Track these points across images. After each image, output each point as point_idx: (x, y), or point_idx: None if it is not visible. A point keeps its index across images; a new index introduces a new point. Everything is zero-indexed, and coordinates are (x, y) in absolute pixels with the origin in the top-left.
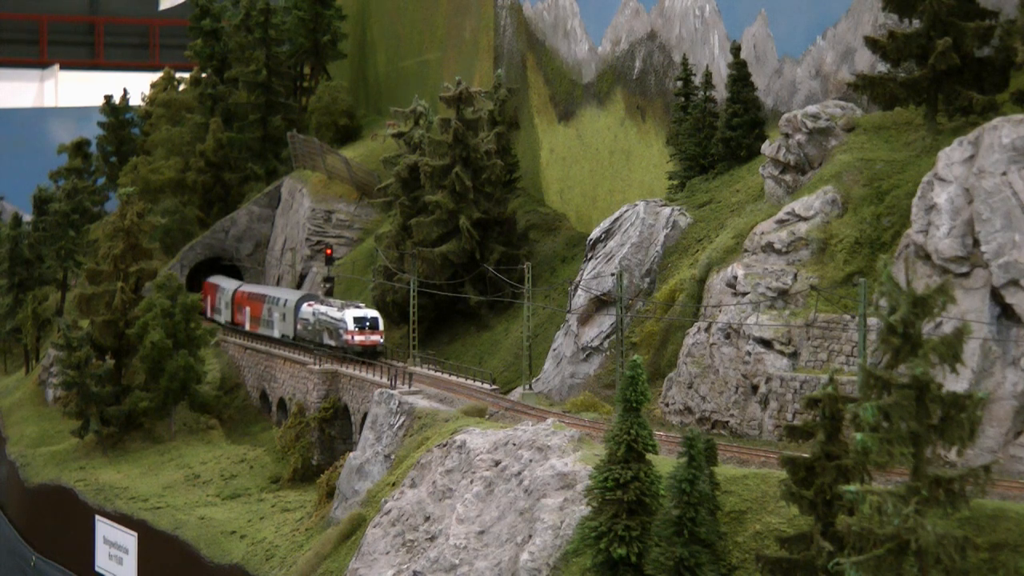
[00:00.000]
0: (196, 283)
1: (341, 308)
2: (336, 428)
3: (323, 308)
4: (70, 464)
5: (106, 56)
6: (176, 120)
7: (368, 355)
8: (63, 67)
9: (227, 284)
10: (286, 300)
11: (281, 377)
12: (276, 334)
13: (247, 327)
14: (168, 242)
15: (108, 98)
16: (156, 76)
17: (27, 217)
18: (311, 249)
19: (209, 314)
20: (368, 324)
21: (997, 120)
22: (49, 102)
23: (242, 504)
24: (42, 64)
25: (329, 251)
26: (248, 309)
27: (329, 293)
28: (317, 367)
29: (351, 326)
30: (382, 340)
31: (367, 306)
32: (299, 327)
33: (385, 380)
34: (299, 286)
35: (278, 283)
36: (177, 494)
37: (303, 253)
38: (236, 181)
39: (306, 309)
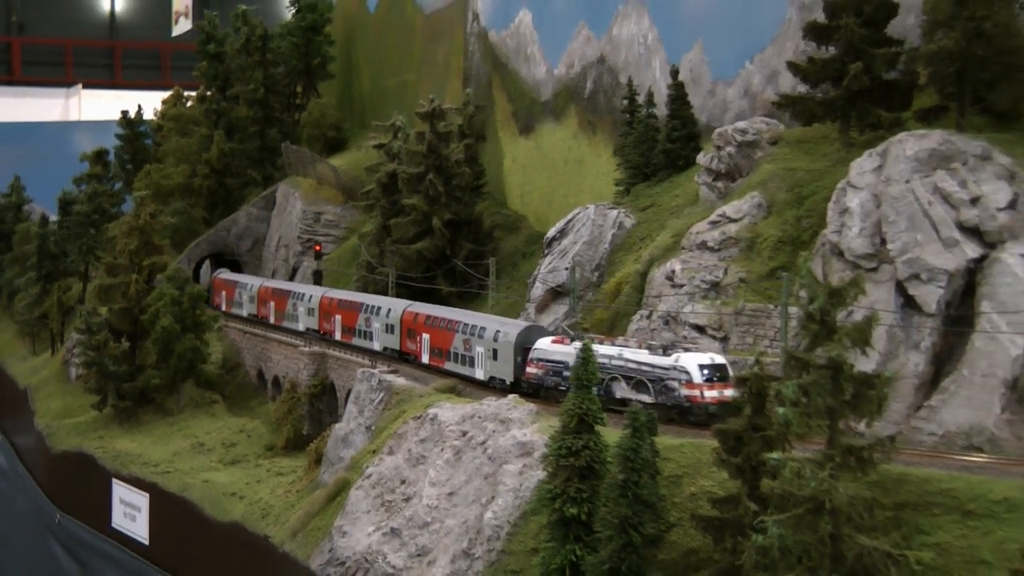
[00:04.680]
0: (211, 273)
1: (664, 351)
2: (324, 402)
3: (613, 350)
4: (90, 434)
5: (124, 76)
6: (184, 132)
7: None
8: (86, 86)
9: (306, 290)
10: (496, 332)
11: (276, 358)
12: (479, 374)
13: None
14: (177, 239)
15: (125, 113)
16: (167, 94)
17: (53, 217)
18: (302, 246)
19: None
20: (718, 375)
21: (902, 135)
22: (73, 116)
23: (241, 469)
24: (67, 83)
25: (318, 247)
26: (338, 318)
27: (317, 283)
28: (307, 349)
29: (698, 378)
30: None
31: (697, 347)
32: (536, 370)
33: (367, 361)
34: (291, 279)
35: (273, 275)
36: (184, 460)
37: (295, 249)
38: (237, 186)
39: (555, 348)
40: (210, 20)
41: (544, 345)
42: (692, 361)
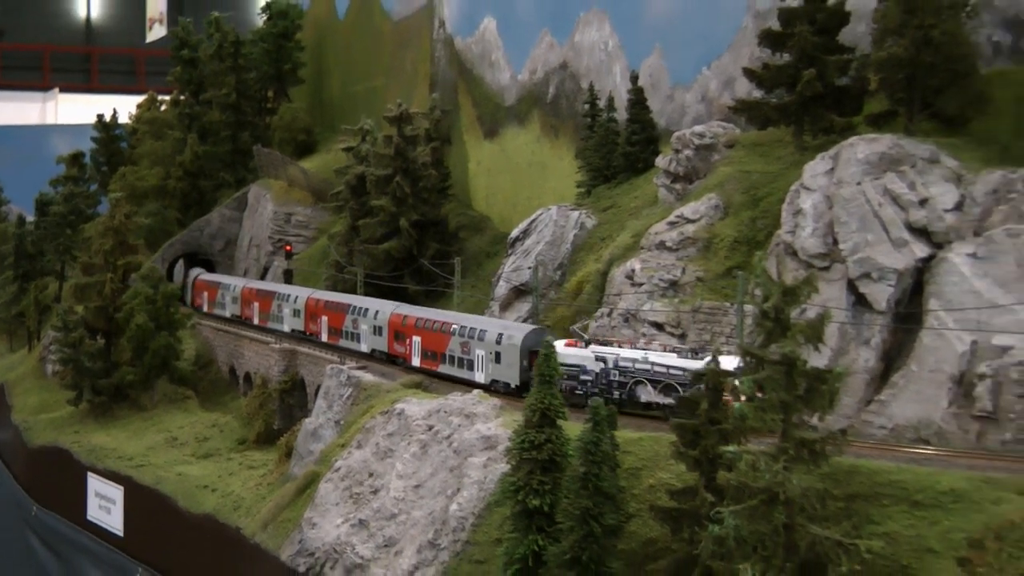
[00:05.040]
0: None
1: (696, 354)
2: (294, 398)
3: (637, 353)
4: (66, 428)
5: (100, 81)
6: (159, 135)
7: None
8: (62, 90)
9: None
10: (499, 335)
11: (248, 355)
12: (480, 377)
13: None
14: (151, 239)
15: (100, 117)
16: (142, 98)
17: (30, 218)
18: (273, 246)
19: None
20: None
21: (853, 139)
22: (50, 120)
23: (214, 462)
24: (44, 88)
25: (289, 247)
26: (325, 319)
27: (288, 283)
28: (278, 346)
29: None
30: None
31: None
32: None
33: (336, 358)
34: (263, 278)
35: (245, 274)
36: (158, 454)
37: (267, 249)
38: (210, 188)
39: (570, 352)
40: (184, 27)
41: (557, 348)
42: (729, 364)
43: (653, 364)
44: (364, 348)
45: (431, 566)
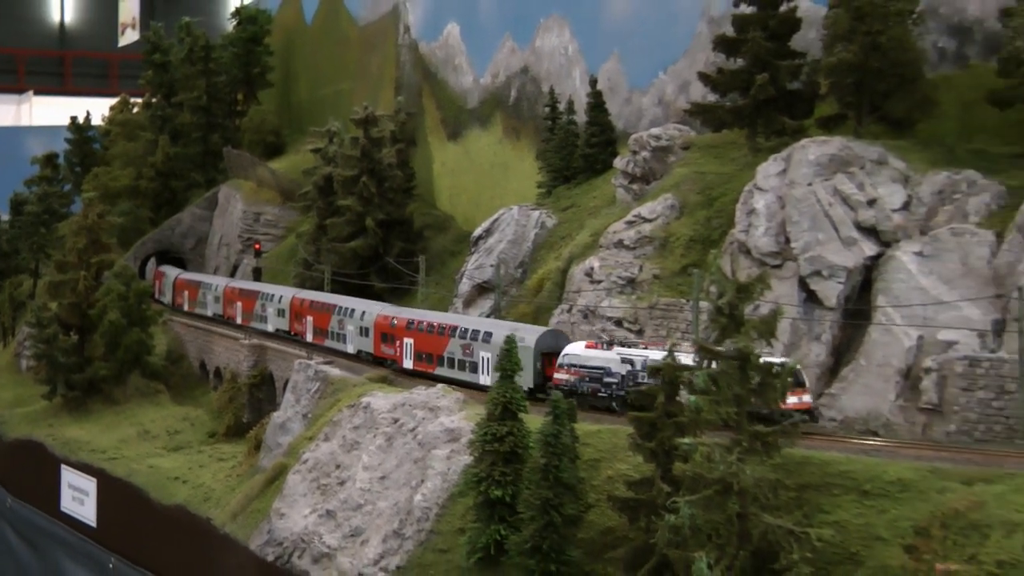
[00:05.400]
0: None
1: None
2: (263, 392)
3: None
4: (40, 422)
5: (73, 84)
6: (131, 137)
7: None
8: (37, 93)
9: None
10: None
11: (218, 350)
12: (485, 380)
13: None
14: (123, 238)
15: (74, 119)
16: (114, 100)
17: (5, 217)
18: (243, 244)
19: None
20: (794, 380)
21: (805, 141)
22: (24, 122)
23: (185, 455)
24: (19, 90)
25: (258, 246)
26: (310, 319)
27: (257, 279)
28: (247, 341)
29: None
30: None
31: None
32: (568, 376)
33: (304, 353)
34: (232, 275)
35: (215, 272)
36: (130, 447)
37: (236, 247)
38: (181, 188)
39: (593, 353)
40: (156, 31)
41: (577, 350)
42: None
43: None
44: (350, 349)
45: (396, 555)
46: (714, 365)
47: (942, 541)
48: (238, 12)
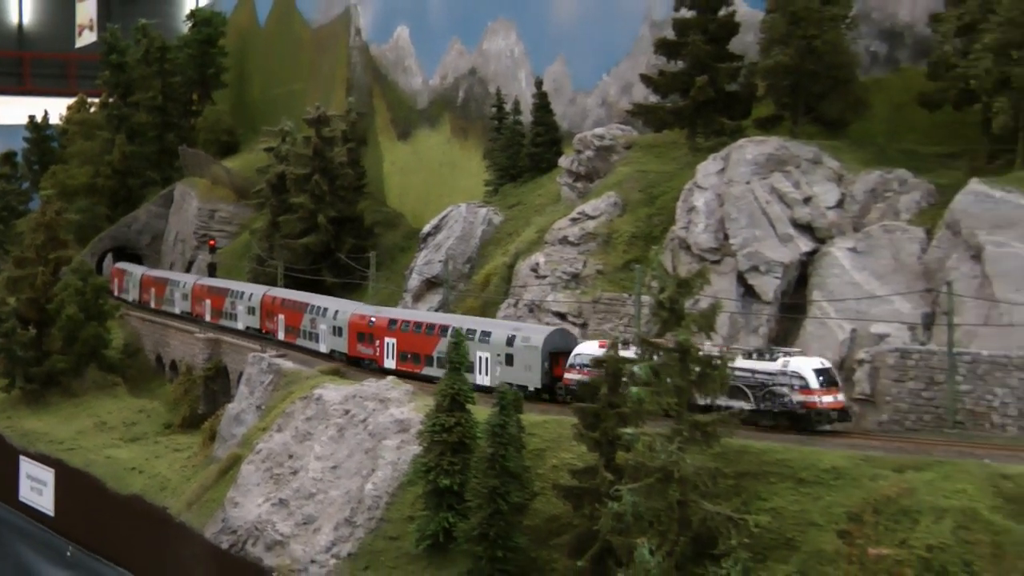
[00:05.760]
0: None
1: (766, 356)
2: (218, 384)
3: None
4: None
5: (32, 84)
6: (88, 136)
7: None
8: None
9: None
10: (511, 337)
11: (174, 343)
12: (483, 380)
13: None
14: (81, 235)
15: (32, 118)
16: (72, 100)
17: None
18: (198, 240)
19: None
20: (831, 379)
21: (743, 140)
22: None
23: (141, 446)
24: None
25: (212, 242)
26: (281, 318)
27: (212, 275)
28: (202, 335)
29: (814, 383)
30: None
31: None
32: (580, 376)
33: (257, 346)
34: (187, 271)
35: (171, 268)
36: (88, 438)
37: (192, 244)
38: (137, 185)
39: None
40: (112, 33)
41: (590, 350)
42: (806, 366)
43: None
44: (323, 349)
45: (348, 542)
46: (656, 358)
47: (874, 526)
48: (193, 14)
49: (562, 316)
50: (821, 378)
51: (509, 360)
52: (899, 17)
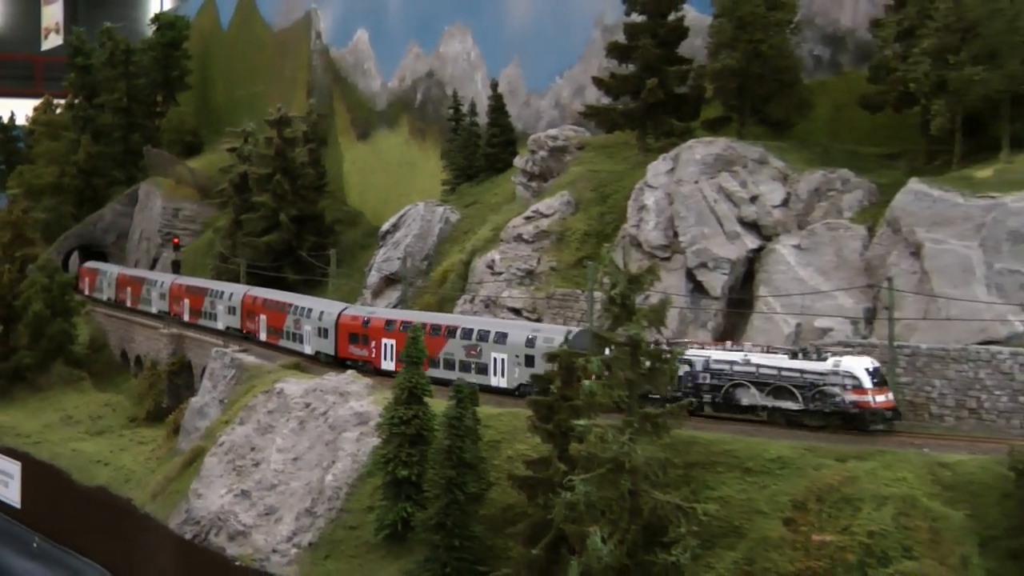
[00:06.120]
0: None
1: (812, 355)
2: (182, 378)
3: (735, 355)
4: None
5: None
6: (55, 136)
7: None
8: None
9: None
10: (530, 338)
11: (138, 339)
12: (500, 382)
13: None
14: (47, 233)
15: None
16: (38, 101)
17: None
18: (162, 239)
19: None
20: (881, 379)
21: (692, 141)
22: None
23: (106, 439)
24: None
25: (176, 240)
26: (263, 318)
27: (176, 272)
28: (166, 331)
29: (867, 382)
30: None
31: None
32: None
33: (220, 341)
34: (152, 268)
35: (136, 265)
36: (54, 432)
37: (156, 242)
38: (103, 185)
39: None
40: (78, 35)
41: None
42: (858, 365)
43: (758, 366)
44: (307, 350)
45: (308, 532)
46: (607, 351)
47: (818, 514)
48: (157, 18)
49: (517, 312)
50: (873, 377)
51: (530, 361)
52: (841, 22)
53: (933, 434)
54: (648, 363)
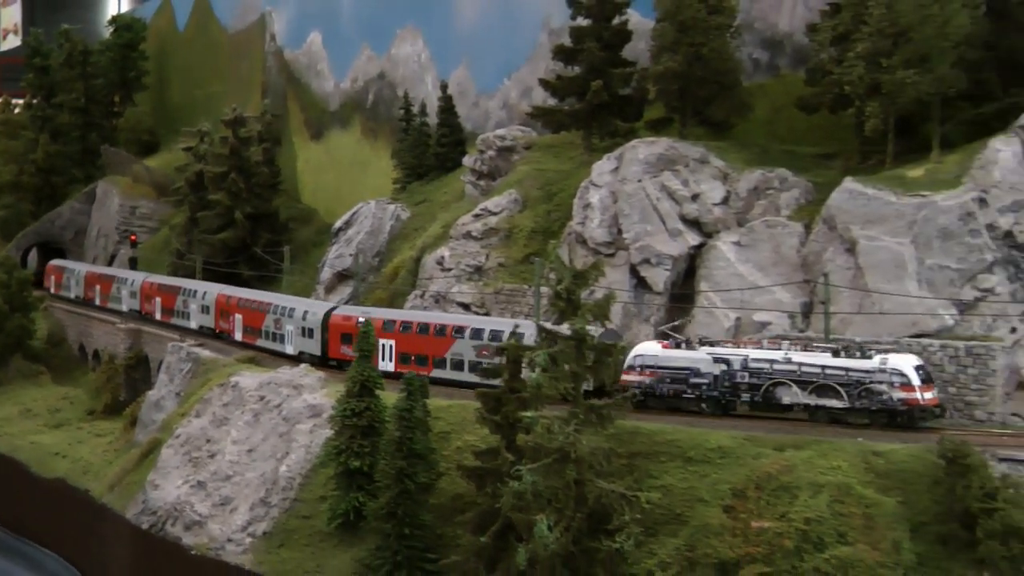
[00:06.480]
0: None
1: (855, 353)
2: (139, 372)
3: (774, 353)
4: None
5: None
6: (13, 135)
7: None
8: None
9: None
10: None
11: (96, 334)
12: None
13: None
14: (6, 230)
15: None
16: None
17: None
18: (120, 235)
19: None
20: (925, 375)
21: (635, 141)
22: None
23: (65, 431)
24: None
25: (133, 237)
26: (239, 318)
27: (132, 269)
28: (124, 326)
29: (916, 380)
30: None
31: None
32: (643, 377)
33: (176, 336)
34: (110, 264)
35: (94, 262)
36: (13, 425)
37: (114, 239)
38: (61, 183)
39: (674, 354)
40: (36, 37)
41: (653, 350)
42: (906, 363)
43: (800, 365)
44: (289, 351)
45: (263, 521)
46: (554, 345)
47: (757, 501)
48: (114, 20)
49: (466, 307)
50: (920, 375)
51: (552, 361)
52: (779, 27)
53: (867, 423)
54: (593, 356)
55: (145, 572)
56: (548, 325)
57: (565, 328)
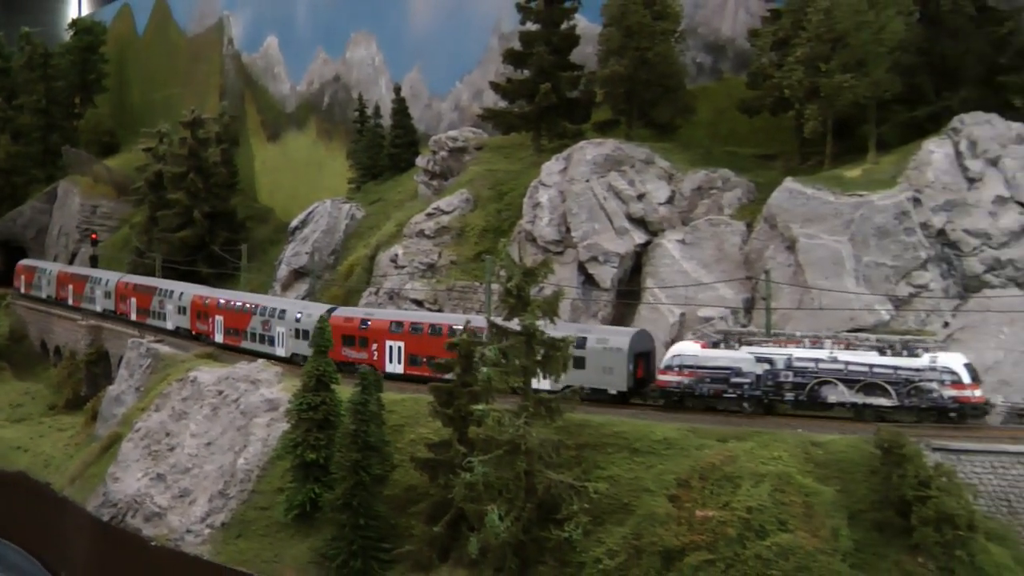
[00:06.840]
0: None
1: (904, 351)
2: (100, 368)
3: (820, 352)
4: None
5: None
6: None
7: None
8: None
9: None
10: (586, 340)
11: (58, 330)
12: (547, 383)
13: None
14: None
15: None
16: None
17: None
18: (81, 234)
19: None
20: (974, 373)
21: (583, 142)
22: None
23: (26, 426)
24: None
25: (94, 236)
26: (220, 319)
27: (93, 267)
28: (85, 323)
29: (967, 378)
30: None
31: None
32: (680, 377)
33: (136, 332)
34: (71, 263)
35: (55, 260)
36: None
37: (75, 237)
38: (22, 183)
39: (714, 354)
40: None
41: (692, 350)
42: (956, 361)
43: (847, 363)
44: (280, 353)
45: (221, 513)
46: (504, 340)
47: (701, 491)
48: (75, 23)
49: (419, 303)
50: (970, 373)
51: (579, 363)
52: (722, 32)
53: (807, 415)
54: (543, 351)
55: (106, 563)
56: (499, 321)
57: (515, 324)
